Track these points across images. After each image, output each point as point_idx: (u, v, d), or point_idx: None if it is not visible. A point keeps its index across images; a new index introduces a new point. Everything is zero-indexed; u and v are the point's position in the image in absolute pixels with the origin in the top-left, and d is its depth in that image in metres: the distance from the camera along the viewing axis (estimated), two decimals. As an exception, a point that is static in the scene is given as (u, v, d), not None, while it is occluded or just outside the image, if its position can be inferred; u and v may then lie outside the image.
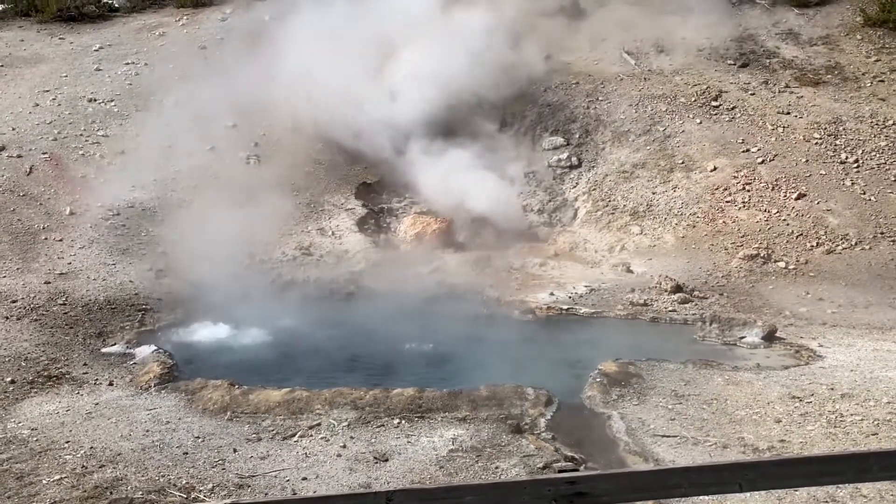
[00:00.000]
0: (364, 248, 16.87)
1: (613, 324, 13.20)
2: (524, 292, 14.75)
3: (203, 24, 24.65)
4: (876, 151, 17.67)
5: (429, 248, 17.52)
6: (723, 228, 16.54)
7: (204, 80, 21.06)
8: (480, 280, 15.53)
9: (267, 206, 17.09)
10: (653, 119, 19.74)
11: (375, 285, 15.13)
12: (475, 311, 13.87)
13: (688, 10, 23.77)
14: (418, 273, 15.83)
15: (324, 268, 15.88)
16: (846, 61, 20.83)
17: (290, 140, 19.26)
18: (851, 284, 14.26)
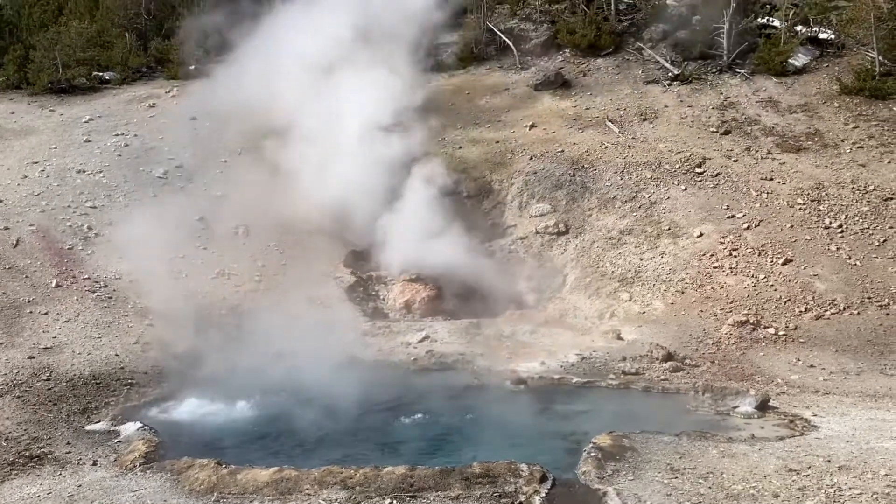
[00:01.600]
0: (353, 317, 16.77)
1: (606, 394, 13.09)
2: (515, 361, 14.64)
3: (193, 96, 24.94)
4: (859, 216, 17.91)
5: (418, 316, 17.47)
6: (711, 294, 16.59)
7: (193, 150, 21.27)
8: (471, 349, 15.43)
9: (256, 276, 17.03)
10: (638, 186, 19.98)
11: (364, 355, 14.98)
12: (466, 382, 13.74)
13: (669, 78, 24.38)
14: (408, 342, 15.72)
15: (312, 338, 15.71)
16: (825, 128, 21.28)
17: (278, 208, 19.30)
18: (842, 350, 14.26)
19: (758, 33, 25.25)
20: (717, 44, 24.74)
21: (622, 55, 26.30)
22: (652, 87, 24.38)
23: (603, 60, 26.08)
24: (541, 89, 25.29)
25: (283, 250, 18.33)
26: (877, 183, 18.72)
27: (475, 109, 24.62)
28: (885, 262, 16.50)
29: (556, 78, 25.37)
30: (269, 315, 16.03)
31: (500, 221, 20.31)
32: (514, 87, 25.85)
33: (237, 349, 14.80)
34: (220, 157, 21.48)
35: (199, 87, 25.03)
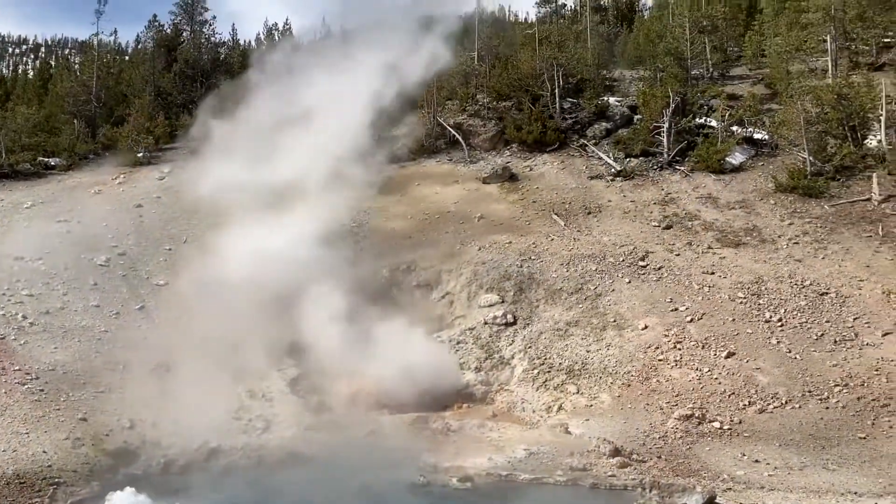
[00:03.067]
0: (296, 411, 16.34)
1: (553, 491, 12.88)
2: (462, 457, 14.34)
3: (140, 183, 24.82)
4: (797, 311, 18.36)
5: (364, 410, 17.08)
6: (657, 387, 16.65)
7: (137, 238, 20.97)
8: (417, 444, 15.08)
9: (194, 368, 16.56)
10: (584, 278, 20.26)
11: (308, 451, 14.53)
12: (412, 480, 13.37)
13: (612, 174, 25.15)
14: (353, 437, 15.31)
15: (253, 434, 15.23)
16: (763, 224, 22.03)
17: (222, 297, 18.95)
18: (785, 445, 14.34)
19: (696, 132, 26.37)
20: (658, 142, 25.73)
21: (567, 151, 27.14)
22: (596, 181, 25.09)
23: (549, 156, 26.85)
24: (489, 182, 25.81)
25: (224, 340, 17.88)
26: (812, 278, 19.29)
27: (425, 200, 24.93)
28: (823, 356, 16.83)
29: (504, 172, 25.97)
30: (208, 408, 15.54)
31: (450, 311, 20.30)
32: (463, 179, 26.34)
33: (174, 444, 14.24)
34: (165, 246, 21.20)
35: (147, 174, 24.94)
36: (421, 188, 25.80)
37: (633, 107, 28.42)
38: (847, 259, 19.91)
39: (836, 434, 14.56)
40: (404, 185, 25.86)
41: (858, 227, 21.25)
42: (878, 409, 15.11)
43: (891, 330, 17.15)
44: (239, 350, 17.71)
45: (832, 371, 16.37)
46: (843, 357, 16.69)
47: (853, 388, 15.78)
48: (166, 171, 25.90)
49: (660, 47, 30.06)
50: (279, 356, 17.86)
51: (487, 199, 24.76)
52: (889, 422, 14.69)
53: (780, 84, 28.06)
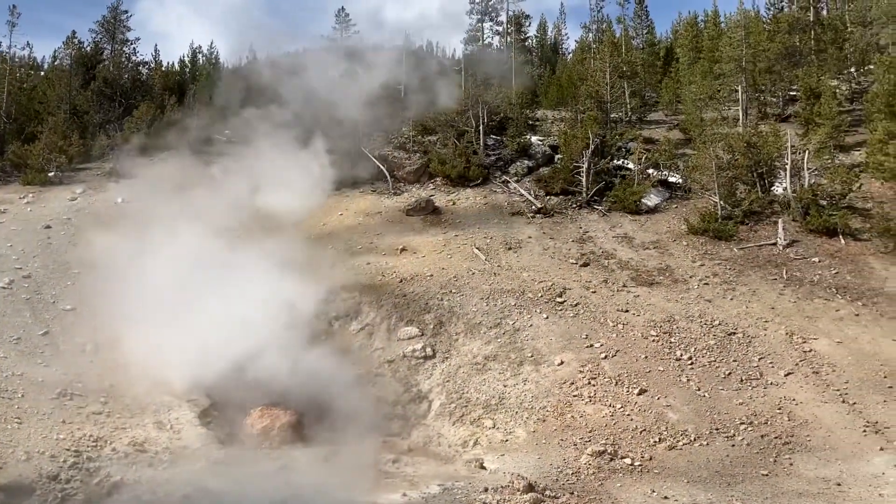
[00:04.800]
0: (205, 444, 15.82)
1: (467, 527, 12.76)
2: (376, 493, 14.11)
3: (50, 203, 23.87)
4: (706, 350, 18.94)
5: (277, 443, 16.68)
6: (571, 423, 16.84)
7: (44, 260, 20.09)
8: (331, 479, 14.77)
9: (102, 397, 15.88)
10: (503, 313, 20.44)
11: (216, 486, 14.03)
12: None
13: (533, 211, 25.58)
14: (264, 472, 14.90)
15: (158, 466, 14.65)
16: (675, 264, 22.75)
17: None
18: (693, 481, 14.67)
19: (614, 174, 27.16)
20: (578, 181, 26.37)
21: (490, 187, 27.51)
22: (517, 218, 25.48)
23: (472, 191, 27.15)
24: (412, 214, 25.89)
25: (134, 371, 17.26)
26: (721, 318, 19.97)
27: (348, 231, 24.80)
28: (730, 394, 17.38)
29: (427, 205, 26.10)
30: (112, 442, 14.89)
31: (368, 343, 20.12)
32: (387, 210, 26.35)
33: (73, 477, 13.56)
34: (73, 269, 20.39)
35: (58, 194, 24.03)
36: (343, 219, 25.66)
37: (555, 146, 29.09)
38: (754, 300, 20.70)
39: (740, 471, 14.98)
40: (327, 214, 25.67)
41: (765, 269, 22.17)
42: (780, 446, 15.64)
43: (792, 370, 17.86)
44: (148, 378, 17.15)
45: (738, 409, 16.89)
46: (748, 395, 17.26)
47: (757, 425, 16.30)
48: (79, 191, 24.99)
49: (581, 90, 30.96)
50: (189, 386, 17.30)
51: (410, 232, 24.81)
52: (790, 459, 15.21)
53: (694, 130, 29.23)
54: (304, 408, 17.36)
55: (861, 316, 19.78)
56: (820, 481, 14.34)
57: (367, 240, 24.26)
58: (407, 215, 25.91)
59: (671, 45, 39.63)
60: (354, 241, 24.18)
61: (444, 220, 25.59)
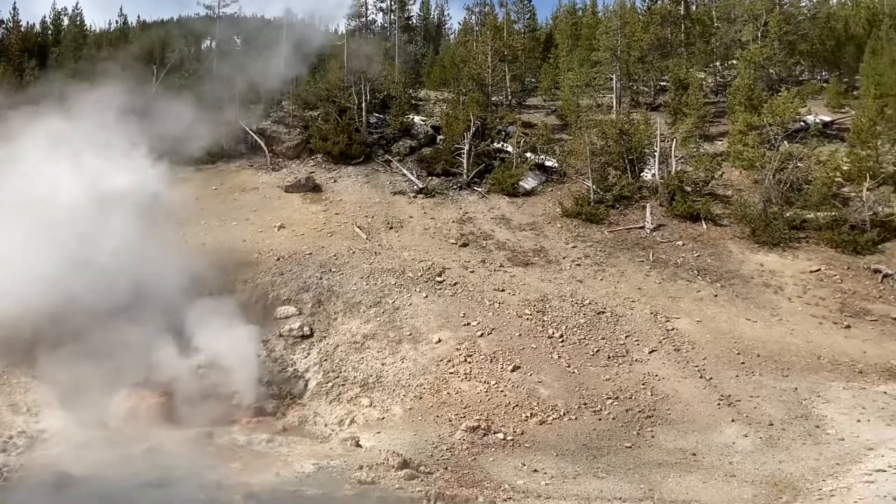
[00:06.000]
0: (66, 426, 15.03)
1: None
2: (248, 473, 13.86)
3: None
4: (577, 328, 19.64)
5: (144, 425, 16.05)
6: (447, 400, 17.10)
7: None
8: (200, 461, 14.39)
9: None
10: (383, 292, 20.45)
11: (78, 471, 13.37)
12: (191, 499, 12.71)
13: (415, 191, 25.66)
14: (129, 454, 14.32)
15: (12, 452, 13.82)
16: (550, 246, 23.43)
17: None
18: (561, 454, 15.23)
19: (494, 156, 27.59)
20: (459, 162, 26.64)
21: (372, 165, 27.36)
22: (399, 197, 25.49)
23: (353, 169, 26.91)
24: (291, 191, 25.40)
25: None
26: (591, 297, 20.74)
27: (221, 205, 24.07)
28: (598, 371, 18.12)
29: (308, 181, 25.68)
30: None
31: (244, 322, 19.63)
32: (265, 186, 25.74)
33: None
34: None
35: None
36: (217, 193, 24.88)
37: (437, 127, 29.23)
38: (622, 281, 21.62)
39: (606, 443, 15.67)
40: (200, 189, 24.81)
41: (633, 252, 23.18)
42: (643, 419, 16.46)
43: (656, 348, 18.80)
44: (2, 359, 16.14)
45: (605, 385, 17.64)
46: (615, 372, 18.05)
47: (623, 400, 17.09)
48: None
49: (464, 72, 31.20)
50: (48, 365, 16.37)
51: (289, 209, 24.36)
52: (652, 431, 16.04)
53: (570, 116, 30.09)
54: (174, 389, 16.81)
55: (719, 296, 21.04)
56: (678, 451, 15.21)
57: (242, 216, 23.63)
58: (286, 192, 25.40)
59: (551, 32, 40.51)
60: (230, 216, 23.50)
61: (324, 197, 25.27)
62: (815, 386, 17.15)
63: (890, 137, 26.11)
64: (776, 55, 32.28)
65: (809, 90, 31.37)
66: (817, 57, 35.56)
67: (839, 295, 21.22)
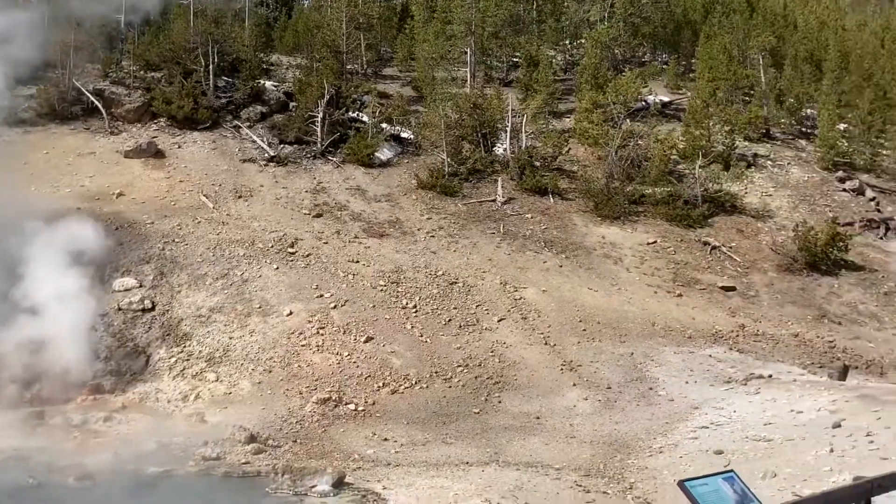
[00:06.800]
0: None
1: (183, 482, 12.38)
2: (83, 454, 13.17)
3: None
4: (430, 298, 19.88)
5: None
6: (298, 372, 16.89)
7: None
8: (30, 443, 13.51)
9: None
10: (231, 263, 19.81)
11: None
12: (19, 482, 11.90)
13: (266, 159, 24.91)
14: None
15: None
16: (405, 217, 23.49)
17: None
18: (412, 423, 15.46)
19: (349, 126, 27.21)
20: (312, 131, 26.08)
21: (220, 131, 26.26)
22: (248, 165, 24.67)
23: (200, 134, 25.73)
24: (132, 157, 24.00)
25: None
26: (445, 268, 21.03)
27: (53, 171, 22.41)
28: (449, 339, 18.46)
29: (150, 147, 24.33)
30: None
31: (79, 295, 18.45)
32: (102, 151, 24.18)
33: None
34: None
35: None
36: (49, 158, 23.13)
37: (290, 93, 28.44)
38: (474, 252, 22.05)
39: (455, 410, 16.05)
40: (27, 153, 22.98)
41: (485, 224, 23.66)
42: (491, 386, 16.97)
43: (504, 316, 19.36)
44: None
45: (456, 353, 18.01)
46: (465, 340, 18.45)
47: (472, 367, 17.53)
48: None
49: (317, 38, 30.47)
50: None
51: (129, 175, 23.02)
52: (499, 397, 16.58)
53: (426, 88, 30.12)
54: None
55: (564, 267, 21.92)
56: (523, 416, 15.81)
57: (77, 182, 22.11)
58: (126, 157, 23.93)
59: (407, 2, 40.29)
60: (63, 183, 21.93)
61: (168, 163, 24.04)
62: (649, 351, 18.29)
63: (721, 118, 27.99)
64: (621, 36, 33.72)
65: (651, 71, 32.94)
66: (659, 39, 37.38)
67: (672, 266, 22.65)
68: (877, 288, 22.92)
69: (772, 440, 12.97)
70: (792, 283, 22.58)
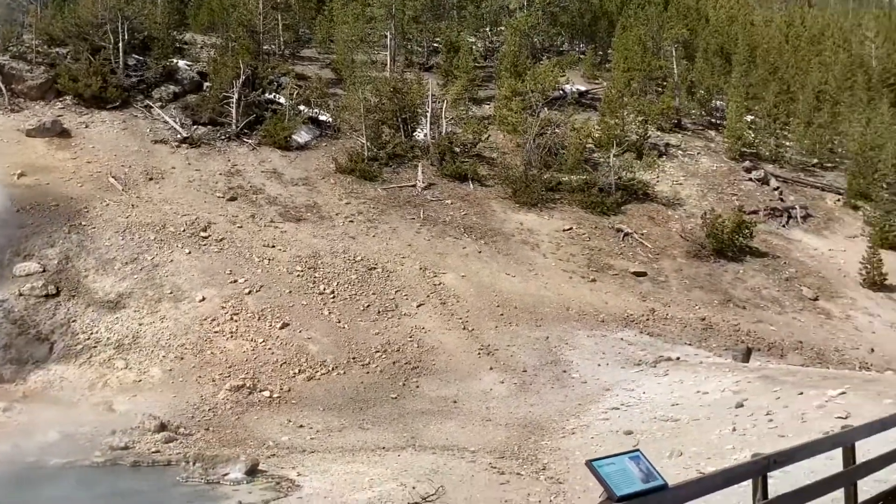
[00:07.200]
0: None
1: (89, 474, 11.94)
2: (-21, 446, 12.54)
3: None
4: (348, 284, 19.73)
5: None
6: (211, 360, 16.52)
7: None
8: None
9: None
10: (141, 247, 19.19)
11: None
12: None
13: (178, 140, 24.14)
14: None
15: None
16: (323, 202, 23.19)
17: None
18: (328, 409, 15.33)
19: (265, 107, 26.62)
20: (227, 112, 25.42)
21: (130, 111, 25.29)
22: (160, 146, 23.87)
23: (109, 114, 24.72)
24: (34, 136, 22.87)
25: None
26: (363, 254, 20.89)
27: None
28: (367, 325, 18.37)
29: (54, 126, 23.24)
30: None
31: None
32: (1, 129, 22.97)
33: None
34: None
35: None
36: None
37: (204, 73, 27.59)
38: (394, 238, 21.98)
39: (373, 395, 16.01)
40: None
41: (404, 209, 23.60)
42: (409, 371, 16.99)
43: (424, 302, 19.40)
44: None
45: (374, 339, 17.95)
46: (384, 326, 18.41)
47: (391, 353, 17.51)
48: None
49: (233, 17, 29.71)
50: None
51: (31, 155, 21.95)
52: (417, 382, 16.62)
53: (345, 71, 29.76)
54: None
55: (483, 253, 22.09)
56: (441, 400, 15.90)
57: (-28, 162, 20.96)
58: (28, 136, 22.79)
59: (327, -17, 39.67)
60: (-43, 162, 20.77)
61: (74, 143, 23.02)
62: (564, 334, 18.65)
63: (635, 108, 28.67)
64: (540, 25, 34.07)
65: (568, 61, 33.45)
66: (576, 29, 37.97)
67: (587, 252, 23.13)
68: (779, 274, 24.00)
69: (679, 420, 13.42)
70: (700, 269, 23.40)
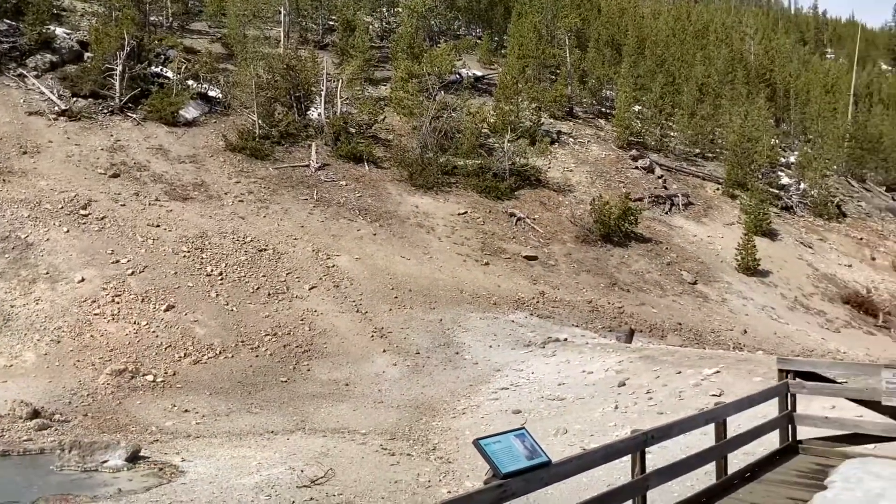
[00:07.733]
0: None
1: (-48, 465, 11.19)
2: None
3: None
4: (237, 265, 19.23)
5: None
6: (91, 343, 15.77)
7: None
8: None
9: None
10: (13, 225, 18.07)
11: None
12: None
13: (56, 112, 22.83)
14: None
15: None
16: (211, 180, 22.47)
17: None
18: (215, 393, 14.93)
19: (151, 81, 25.52)
20: (110, 84, 24.22)
21: (1, 80, 23.73)
22: (35, 119, 22.50)
23: (-24, 82, 23.12)
24: None
25: None
26: (254, 235, 20.41)
27: None
28: (257, 308, 17.98)
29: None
30: None
31: None
32: None
33: None
34: None
35: None
36: None
37: (85, 43, 26.17)
38: (286, 219, 21.57)
39: (262, 380, 15.70)
40: None
41: (297, 190, 23.19)
42: (300, 354, 16.75)
43: (316, 284, 19.15)
44: None
45: (264, 322, 17.59)
46: (274, 308, 18.06)
47: (281, 336, 17.20)
48: None
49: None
50: None
51: None
52: (307, 365, 16.41)
53: (237, 46, 28.90)
54: None
55: (378, 235, 22.00)
56: (332, 383, 15.78)
57: None
58: None
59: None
60: None
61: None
62: (457, 317, 18.85)
63: (529, 95, 29.15)
64: (437, 7, 34.08)
65: (465, 45, 33.68)
66: (473, 14, 38.23)
67: (481, 235, 23.43)
68: (661, 258, 25.05)
69: (564, 399, 13.82)
70: (588, 254, 24.13)
